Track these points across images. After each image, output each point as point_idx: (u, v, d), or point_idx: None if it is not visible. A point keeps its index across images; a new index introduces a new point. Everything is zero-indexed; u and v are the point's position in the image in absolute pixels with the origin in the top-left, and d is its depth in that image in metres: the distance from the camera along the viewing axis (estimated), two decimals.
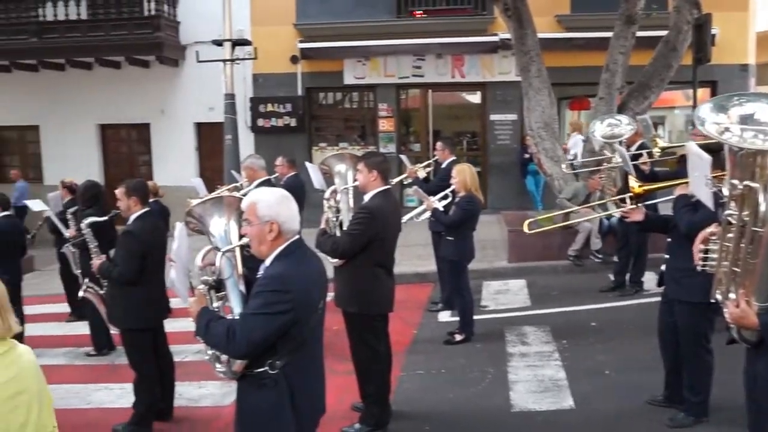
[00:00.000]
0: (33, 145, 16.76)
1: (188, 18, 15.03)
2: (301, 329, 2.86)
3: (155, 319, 5.37)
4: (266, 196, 2.98)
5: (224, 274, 3.08)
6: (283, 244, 2.92)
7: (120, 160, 16.55)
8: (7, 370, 2.25)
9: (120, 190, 5.26)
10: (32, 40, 14.83)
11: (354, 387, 5.10)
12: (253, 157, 7.53)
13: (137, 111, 15.65)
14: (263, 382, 2.87)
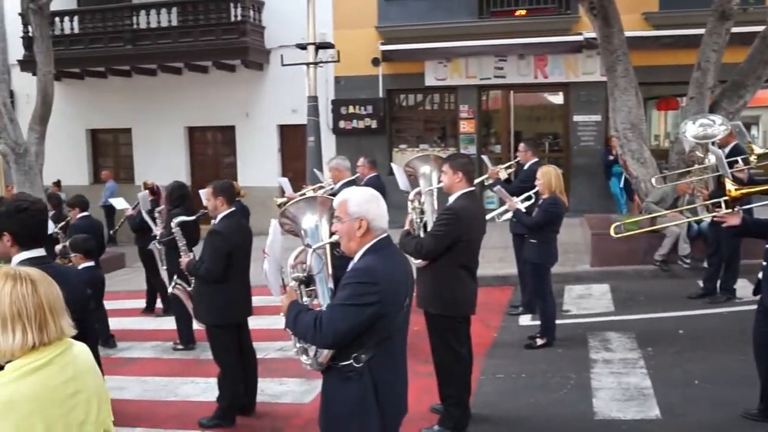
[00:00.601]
0: (125, 147, 17.50)
1: (272, 23, 15.37)
2: (386, 324, 2.90)
3: (239, 316, 5.48)
4: (357, 194, 3.06)
5: (314, 270, 3.18)
6: (371, 241, 2.99)
7: (206, 161, 17.08)
8: (64, 370, 2.24)
9: (207, 190, 5.42)
10: (127, 47, 15.52)
11: (434, 388, 5.09)
12: (339, 158, 7.64)
13: (223, 114, 16.11)
14: (348, 374, 2.92)
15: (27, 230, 3.09)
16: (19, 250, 3.10)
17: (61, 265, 3.30)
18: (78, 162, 17.52)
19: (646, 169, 9.83)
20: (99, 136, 17.95)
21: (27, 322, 2.15)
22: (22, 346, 2.14)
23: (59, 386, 2.19)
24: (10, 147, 12.82)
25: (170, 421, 5.56)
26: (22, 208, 3.06)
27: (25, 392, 2.10)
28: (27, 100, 16.10)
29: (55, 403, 2.16)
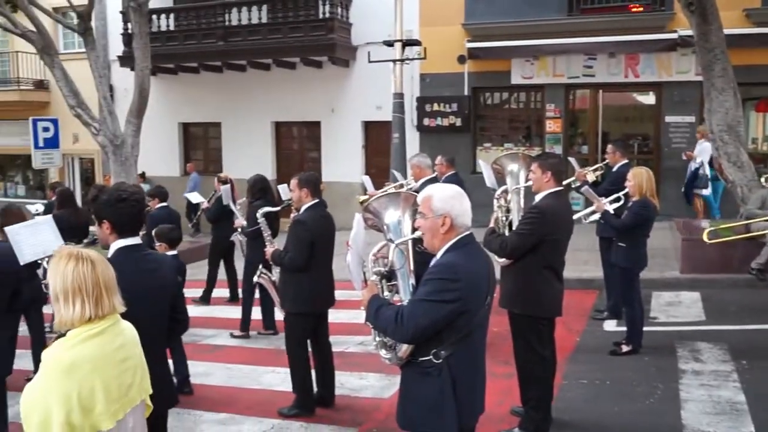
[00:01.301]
0: (215, 141, 18.01)
1: (359, 20, 15.50)
2: (467, 320, 2.89)
3: (321, 306, 5.58)
4: (441, 190, 3.06)
5: (395, 265, 3.18)
6: (454, 238, 2.99)
7: (291, 156, 17.39)
8: (116, 338, 2.58)
9: (293, 182, 5.53)
10: (218, 44, 15.98)
11: (513, 390, 5.03)
12: (421, 155, 7.64)
13: (309, 109, 16.38)
14: (427, 370, 2.93)
15: (125, 219, 3.22)
16: (117, 237, 3.23)
17: (156, 253, 3.43)
18: (170, 154, 18.15)
19: (743, 174, 9.40)
20: (190, 130, 18.54)
21: (86, 296, 2.48)
22: (81, 317, 2.47)
23: (112, 352, 2.54)
24: (108, 139, 13.42)
25: (253, 408, 5.70)
26: (121, 198, 3.20)
27: (85, 355, 2.44)
28: (125, 94, 16.81)
29: (109, 365, 2.52)
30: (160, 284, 3.32)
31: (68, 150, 17.77)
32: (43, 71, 18.69)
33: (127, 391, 2.59)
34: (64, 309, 2.48)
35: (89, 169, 19.82)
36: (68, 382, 2.39)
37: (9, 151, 20.85)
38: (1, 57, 20.24)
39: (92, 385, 2.43)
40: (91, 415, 2.42)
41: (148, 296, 3.21)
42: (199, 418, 5.56)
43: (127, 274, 3.07)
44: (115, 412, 2.51)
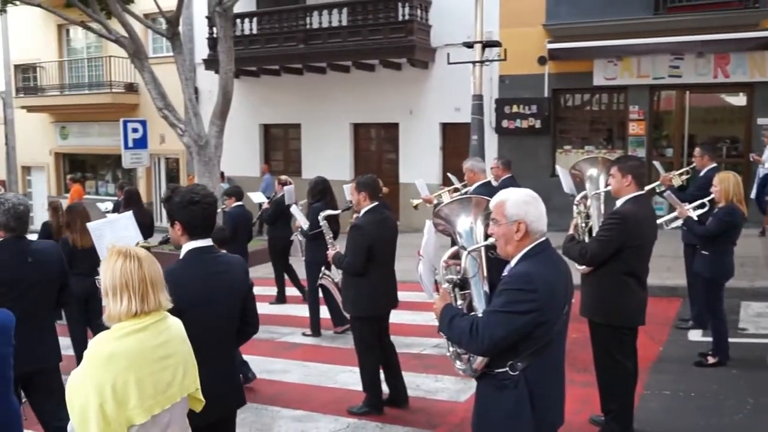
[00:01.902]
0: (294, 142, 18.34)
1: (439, 21, 15.47)
2: (545, 332, 2.80)
3: (381, 309, 5.61)
4: (515, 195, 2.97)
5: (468, 273, 3.11)
6: (529, 245, 2.90)
7: (369, 157, 17.53)
8: (158, 335, 2.64)
9: (351, 185, 5.59)
10: (299, 47, 16.27)
11: (592, 399, 4.93)
12: (475, 159, 7.63)
13: (388, 111, 16.46)
14: (504, 383, 2.85)
15: (197, 221, 3.27)
16: (189, 239, 3.29)
17: (227, 255, 3.53)
18: (251, 155, 18.58)
19: None
20: (271, 131, 18.94)
21: (132, 292, 2.58)
22: (127, 312, 2.57)
23: (152, 349, 2.60)
24: (193, 139, 13.84)
25: (328, 407, 5.78)
26: (194, 200, 3.25)
27: (123, 349, 2.53)
28: (209, 96, 17.33)
29: (146, 362, 2.58)
30: (230, 286, 3.35)
31: (155, 150, 18.42)
32: (133, 75, 19.46)
33: (166, 388, 2.64)
34: (112, 304, 2.59)
35: (174, 169, 20.52)
36: (104, 373, 2.48)
37: (100, 150, 21.81)
38: (96, 62, 21.20)
39: (126, 379, 2.50)
40: (125, 408, 2.49)
41: (218, 297, 3.26)
42: (277, 414, 5.68)
43: (197, 275, 3.22)
44: (150, 407, 2.56)
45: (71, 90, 21.58)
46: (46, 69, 22.02)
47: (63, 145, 22.92)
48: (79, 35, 22.24)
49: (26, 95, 22.54)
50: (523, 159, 14.56)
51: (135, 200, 9.28)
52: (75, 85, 21.64)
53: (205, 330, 3.16)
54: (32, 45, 22.43)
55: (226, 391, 3.36)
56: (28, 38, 22.49)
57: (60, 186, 22.81)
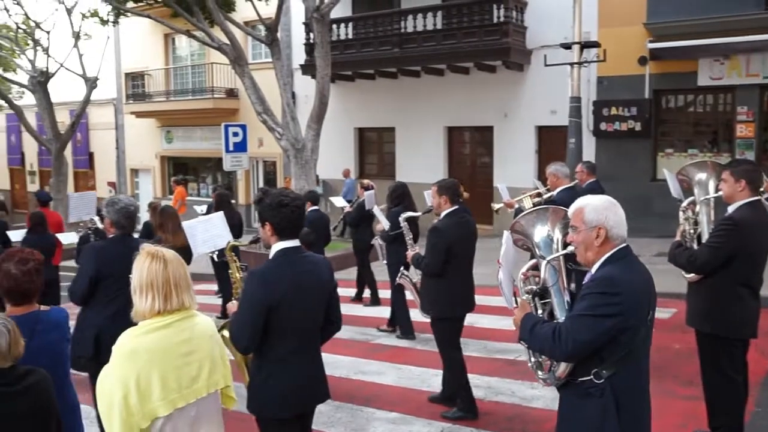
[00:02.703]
0: (389, 145, 18.48)
1: (534, 23, 15.26)
2: (629, 337, 2.75)
3: (458, 310, 5.63)
4: (593, 201, 2.95)
5: (548, 282, 3.09)
6: (610, 251, 2.87)
7: (463, 161, 17.46)
8: (181, 332, 2.79)
9: (432, 189, 5.64)
10: (394, 50, 16.40)
11: (698, 413, 4.71)
12: (558, 164, 7.48)
13: (482, 114, 16.35)
14: (588, 391, 2.81)
15: (286, 222, 3.41)
16: (278, 239, 3.44)
17: (314, 254, 3.67)
18: (346, 158, 18.84)
19: None
20: (365, 134, 19.16)
21: (156, 291, 2.75)
22: (150, 310, 2.74)
23: (175, 345, 2.76)
24: (290, 143, 14.19)
25: (422, 410, 5.78)
26: (283, 203, 3.40)
27: (146, 345, 2.70)
28: (306, 100, 17.73)
29: (169, 357, 2.73)
30: (317, 285, 3.49)
31: (254, 153, 18.96)
32: (233, 80, 20.13)
33: (191, 383, 2.79)
34: (138, 301, 2.77)
35: (271, 172, 21.07)
36: (128, 367, 2.65)
37: (202, 154, 22.67)
38: (199, 69, 22.07)
39: (149, 373, 2.66)
40: (149, 400, 2.65)
41: (305, 295, 3.40)
42: (372, 416, 5.72)
43: (286, 273, 3.37)
44: (174, 401, 2.71)
45: (176, 96, 22.56)
46: (153, 76, 23.10)
47: (168, 148, 23.96)
48: (184, 44, 23.21)
49: (135, 101, 23.71)
50: (622, 163, 14.14)
51: (225, 203, 9.64)
52: (179, 91, 22.61)
53: (293, 326, 3.37)
54: (141, 54, 23.60)
55: (311, 387, 3.55)
56: (138, 48, 23.68)
57: (165, 188, 23.84)
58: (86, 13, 19.87)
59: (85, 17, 20.02)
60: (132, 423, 2.63)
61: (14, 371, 2.84)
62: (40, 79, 20.36)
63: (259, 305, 3.28)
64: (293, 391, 3.43)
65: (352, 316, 8.75)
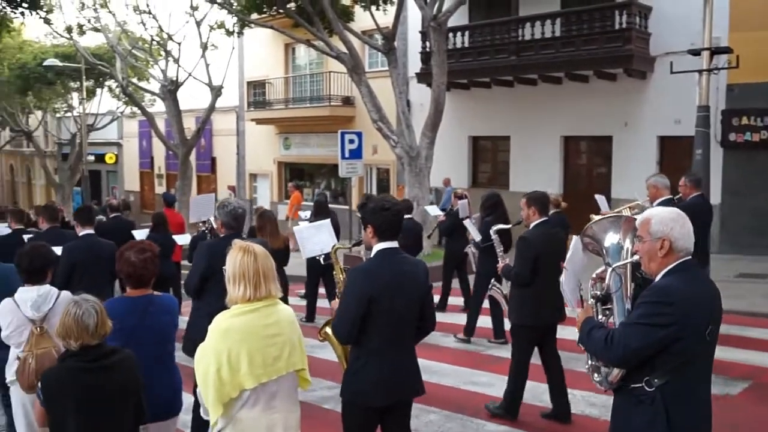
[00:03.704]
0: (503, 154, 18.28)
1: (659, 29, 14.67)
2: (683, 348, 2.78)
3: (545, 320, 5.69)
4: (660, 213, 3.01)
5: (611, 289, 3.16)
6: (673, 262, 2.91)
7: (579, 171, 17.01)
8: (268, 317, 3.16)
9: (522, 200, 5.79)
10: (510, 58, 16.22)
11: None
12: (659, 175, 7.32)
13: (600, 123, 15.87)
14: (639, 398, 2.86)
15: (386, 225, 3.72)
16: (378, 240, 3.75)
17: (411, 256, 3.98)
18: (459, 166, 18.79)
19: None
20: (479, 143, 19.04)
21: (247, 281, 3.12)
22: (242, 297, 3.13)
23: (262, 327, 3.14)
24: (405, 150, 14.31)
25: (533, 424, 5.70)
26: (385, 207, 3.72)
27: (237, 325, 3.10)
28: (420, 108, 17.83)
29: (257, 337, 3.11)
30: (413, 283, 3.76)
31: (368, 160, 19.23)
32: (350, 89, 20.54)
33: (273, 362, 3.15)
34: (232, 289, 3.16)
35: (384, 179, 21.32)
36: (221, 343, 3.06)
37: (317, 160, 23.24)
38: (317, 77, 22.67)
39: (239, 350, 3.05)
40: (238, 374, 3.04)
41: (402, 292, 3.68)
42: (482, 428, 5.71)
43: (385, 270, 3.68)
44: (258, 376, 3.09)
45: (295, 103, 23.25)
46: (273, 85, 23.93)
47: (285, 154, 24.72)
48: (303, 53, 23.91)
49: (256, 109, 24.63)
50: (753, 175, 13.38)
51: (323, 209, 9.98)
52: (298, 99, 23.30)
53: (389, 319, 3.66)
54: (263, 63, 24.51)
55: (404, 379, 3.79)
56: (260, 57, 24.61)
57: (281, 192, 24.60)
58: (214, 25, 20.88)
59: (212, 29, 21.05)
60: (223, 392, 3.03)
61: (101, 349, 3.29)
62: (171, 87, 21.57)
63: (360, 297, 3.60)
64: (385, 381, 3.68)
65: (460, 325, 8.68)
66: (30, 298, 4.27)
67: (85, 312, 3.25)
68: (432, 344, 7.83)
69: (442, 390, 6.50)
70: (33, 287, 4.39)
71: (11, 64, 26.66)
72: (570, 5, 15.91)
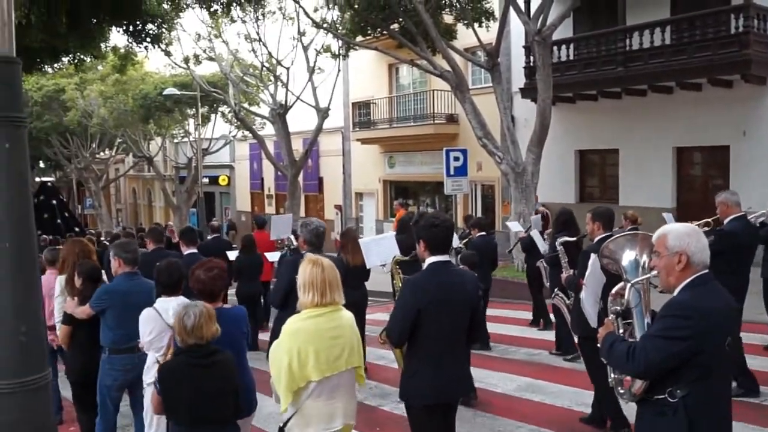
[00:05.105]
0: (612, 168, 17.77)
1: None
2: (704, 360, 2.86)
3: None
4: (677, 228, 3.10)
5: (631, 304, 3.24)
6: (690, 276, 2.99)
7: (693, 183, 16.32)
8: (331, 321, 3.65)
9: (588, 215, 5.94)
10: (618, 70, 15.81)
11: None
12: (729, 192, 6.89)
13: (716, 133, 15.18)
14: (662, 409, 2.94)
15: (437, 240, 3.99)
16: (430, 254, 4.01)
17: (462, 269, 4.45)
18: (566, 181, 18.43)
19: None
20: (586, 157, 18.61)
21: (315, 289, 3.61)
22: (311, 302, 3.62)
23: (326, 329, 3.63)
24: (510, 166, 14.23)
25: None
26: (435, 224, 4.00)
27: (305, 327, 3.61)
28: (525, 124, 17.68)
29: (322, 338, 3.60)
30: (462, 296, 4.02)
31: (472, 177, 19.19)
32: (453, 106, 20.63)
33: (335, 360, 3.62)
34: (302, 296, 3.65)
35: (489, 195, 21.21)
36: (292, 342, 3.56)
37: (422, 178, 23.42)
38: (420, 96, 22.92)
39: (307, 348, 3.54)
40: (306, 368, 3.53)
41: (450, 301, 3.94)
42: None
43: (434, 282, 3.96)
44: (323, 371, 3.56)
45: (398, 123, 23.56)
46: (377, 105, 24.37)
47: (390, 173, 25.06)
48: (406, 72, 24.23)
49: (361, 129, 25.14)
50: None
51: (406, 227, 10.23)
52: (402, 118, 23.59)
53: (439, 327, 3.93)
54: (367, 84, 25.03)
55: (453, 384, 4.06)
56: (364, 78, 25.15)
57: (387, 210, 24.93)
58: (320, 49, 21.54)
59: (319, 53, 21.72)
60: (293, 382, 3.52)
61: (204, 349, 3.81)
62: (280, 111, 22.38)
63: (410, 306, 3.91)
64: (435, 386, 3.95)
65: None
66: (171, 307, 4.67)
67: (186, 314, 3.79)
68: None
69: (555, 411, 6.47)
70: (171, 298, 4.83)
71: (135, 95, 28.46)
72: (680, 11, 15.35)
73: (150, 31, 15.03)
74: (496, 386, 7.31)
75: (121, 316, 5.19)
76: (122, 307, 5.20)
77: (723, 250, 6.08)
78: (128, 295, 5.25)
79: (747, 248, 6.44)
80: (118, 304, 5.23)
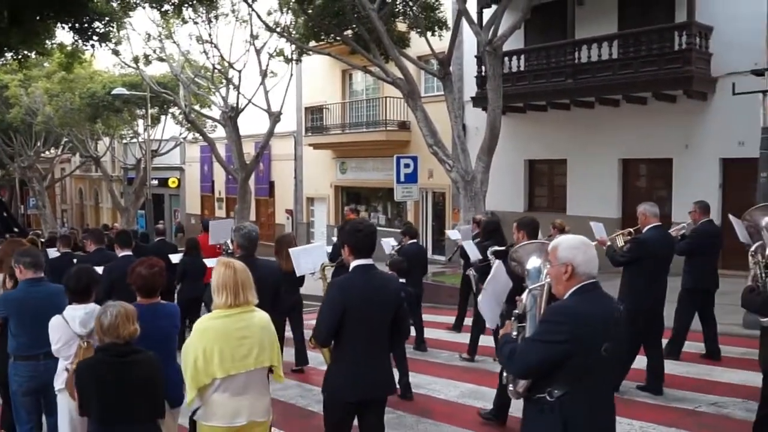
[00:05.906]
0: (560, 178, 18.06)
1: (721, 49, 14.36)
2: (579, 362, 3.04)
3: None
4: (567, 241, 3.28)
5: (527, 308, 3.48)
6: (575, 285, 3.17)
7: (638, 194, 16.65)
8: (240, 321, 3.86)
9: (514, 224, 6.21)
10: (567, 81, 16.10)
11: None
12: (648, 204, 7.25)
13: (660, 146, 15.58)
14: (542, 407, 3.13)
15: (360, 244, 4.18)
16: (354, 258, 4.19)
17: (386, 272, 4.64)
18: (515, 190, 18.65)
19: None
20: (536, 167, 18.89)
21: (228, 290, 3.82)
22: (224, 304, 3.83)
23: (235, 329, 3.83)
24: (460, 175, 14.35)
25: None
26: (358, 229, 4.20)
27: (213, 326, 3.84)
28: (476, 132, 17.86)
29: (228, 338, 3.80)
30: (386, 297, 4.20)
31: (423, 184, 19.31)
32: (405, 113, 20.71)
33: (243, 358, 3.82)
34: (216, 297, 3.85)
35: (440, 203, 21.34)
36: (199, 340, 3.80)
37: (373, 184, 23.44)
38: (373, 102, 22.96)
39: (213, 346, 3.76)
40: (210, 365, 3.75)
41: (374, 303, 4.10)
42: None
43: (358, 284, 4.12)
44: (227, 369, 3.77)
45: (351, 128, 23.55)
46: (330, 110, 24.31)
47: (342, 178, 25.02)
48: (359, 79, 24.25)
49: (313, 134, 25.03)
50: None
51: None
52: (354, 123, 23.59)
53: (362, 326, 4.09)
54: (320, 89, 24.97)
55: (375, 379, 4.20)
56: (318, 83, 25.08)
57: (338, 216, 24.85)
58: (273, 52, 21.39)
59: (271, 57, 21.57)
60: (198, 378, 3.76)
61: (121, 348, 3.89)
62: (231, 114, 22.14)
63: (336, 307, 4.06)
64: (357, 381, 4.09)
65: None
66: (78, 316, 4.63)
67: (103, 313, 3.92)
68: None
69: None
70: (80, 305, 4.73)
71: (82, 93, 27.80)
72: (627, 27, 15.72)
73: (97, 29, 14.73)
74: (439, 392, 7.36)
75: (20, 323, 5.14)
76: (20, 314, 5.13)
77: (639, 257, 6.52)
78: (25, 302, 5.16)
79: (662, 257, 6.73)
80: (14, 312, 5.17)
